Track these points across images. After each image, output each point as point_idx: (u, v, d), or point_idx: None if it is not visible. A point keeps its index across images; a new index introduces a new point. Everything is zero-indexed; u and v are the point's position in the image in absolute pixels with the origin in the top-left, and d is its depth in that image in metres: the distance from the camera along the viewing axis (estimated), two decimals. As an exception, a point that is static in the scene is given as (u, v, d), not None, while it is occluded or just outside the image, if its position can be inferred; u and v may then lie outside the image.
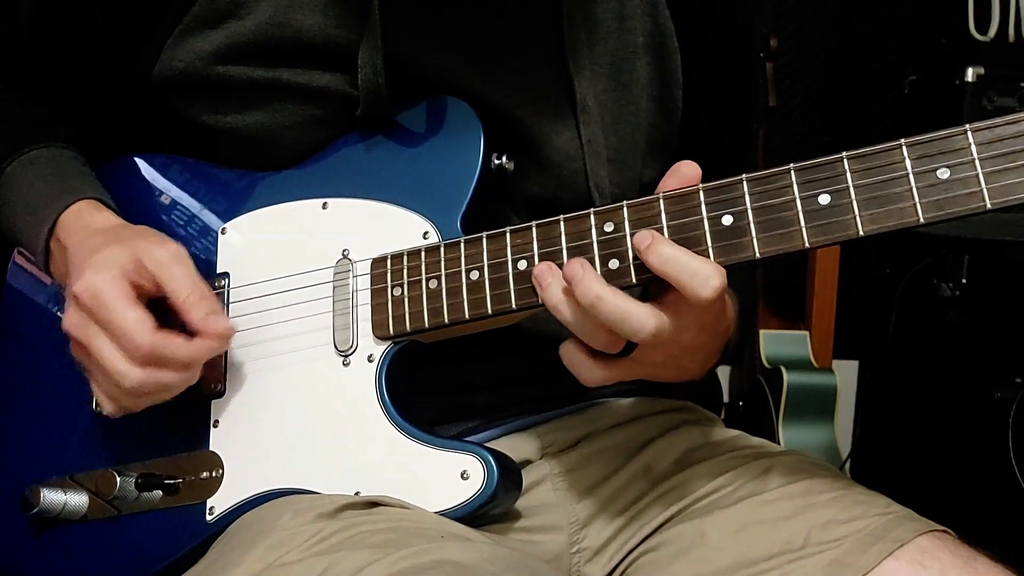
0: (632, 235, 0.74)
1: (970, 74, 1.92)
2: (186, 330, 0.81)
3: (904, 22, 2.28)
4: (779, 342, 2.09)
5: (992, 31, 2.12)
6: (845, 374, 2.12)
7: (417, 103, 0.86)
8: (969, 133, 0.66)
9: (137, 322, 0.78)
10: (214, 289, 0.88)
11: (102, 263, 0.80)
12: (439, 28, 0.87)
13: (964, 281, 1.95)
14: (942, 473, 1.94)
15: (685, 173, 0.74)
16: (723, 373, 2.18)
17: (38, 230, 0.88)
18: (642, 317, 0.72)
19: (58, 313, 0.95)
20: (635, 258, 0.74)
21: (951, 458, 1.94)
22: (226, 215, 0.91)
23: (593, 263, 0.75)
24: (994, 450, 1.78)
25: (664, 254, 0.71)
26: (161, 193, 0.94)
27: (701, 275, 0.70)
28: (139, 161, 0.96)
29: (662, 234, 0.73)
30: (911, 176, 0.67)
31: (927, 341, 2.04)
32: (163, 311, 0.82)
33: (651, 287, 0.74)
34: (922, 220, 0.66)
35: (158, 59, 0.87)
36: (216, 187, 0.92)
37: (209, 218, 0.92)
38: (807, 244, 0.69)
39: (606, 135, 0.92)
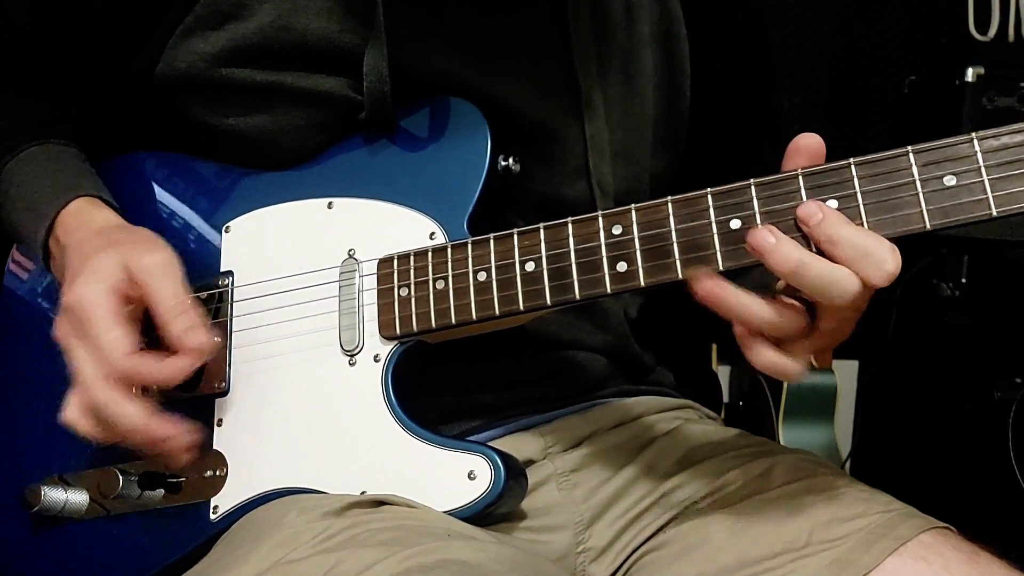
0: (801, 206, 0.68)
1: (970, 74, 1.92)
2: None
3: (904, 22, 2.28)
4: (779, 342, 2.08)
5: (992, 31, 2.13)
6: (845, 374, 2.12)
7: (423, 104, 0.86)
8: (975, 141, 0.66)
9: (115, 341, 0.77)
10: (217, 288, 0.88)
11: (93, 273, 0.79)
12: (443, 31, 0.87)
13: (964, 281, 1.95)
14: (942, 473, 1.94)
15: (810, 146, 0.71)
16: (723, 373, 2.18)
17: (37, 228, 0.88)
18: (848, 279, 0.68)
19: (56, 314, 0.95)
20: (643, 261, 0.74)
21: (951, 458, 1.94)
22: (230, 213, 0.91)
23: (600, 266, 0.75)
24: (994, 450, 1.78)
25: (838, 235, 0.67)
26: (164, 191, 0.94)
27: (876, 256, 0.67)
28: (142, 159, 0.96)
29: (670, 238, 0.73)
30: (918, 183, 0.67)
31: (927, 341, 2.04)
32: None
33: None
34: (928, 227, 0.67)
35: (160, 59, 0.87)
36: (220, 185, 0.92)
37: (213, 216, 0.92)
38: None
39: (613, 129, 0.91)
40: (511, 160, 0.84)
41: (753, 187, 0.71)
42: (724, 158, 0.73)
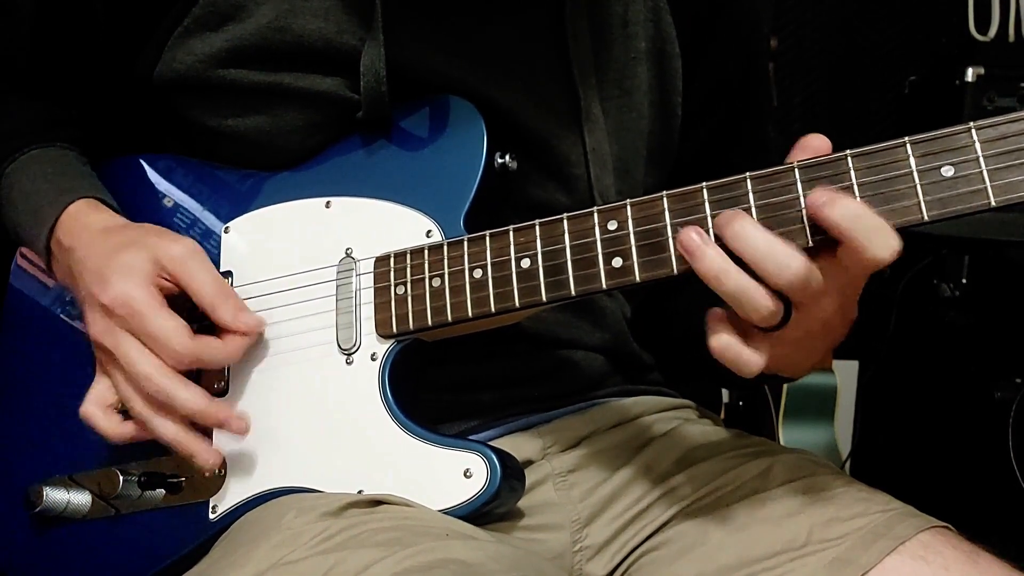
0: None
1: (970, 74, 1.92)
2: (204, 320, 0.83)
3: (904, 22, 2.28)
4: (779, 342, 2.08)
5: (992, 31, 2.13)
6: (845, 374, 2.12)
7: (420, 102, 0.86)
8: (973, 131, 0.66)
9: (174, 329, 0.80)
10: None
11: (126, 270, 0.81)
12: (442, 34, 0.86)
13: (964, 281, 1.95)
14: (942, 474, 1.94)
15: (819, 148, 0.71)
16: (723, 373, 2.18)
17: (38, 230, 0.89)
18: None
19: (61, 314, 0.96)
20: (639, 256, 0.74)
21: (951, 458, 1.94)
22: (229, 214, 0.91)
23: (596, 261, 0.75)
24: (994, 450, 1.78)
25: (847, 209, 0.67)
26: (164, 193, 0.94)
27: (882, 233, 0.66)
28: (141, 161, 0.96)
29: (665, 233, 0.73)
30: (915, 174, 0.67)
31: (927, 341, 2.04)
32: (179, 303, 0.83)
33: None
34: (926, 218, 0.66)
35: (159, 60, 0.87)
36: (218, 187, 0.92)
37: (212, 218, 0.92)
38: (811, 242, 0.69)
39: (609, 143, 0.92)
40: (508, 157, 0.84)
41: (749, 180, 0.71)
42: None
